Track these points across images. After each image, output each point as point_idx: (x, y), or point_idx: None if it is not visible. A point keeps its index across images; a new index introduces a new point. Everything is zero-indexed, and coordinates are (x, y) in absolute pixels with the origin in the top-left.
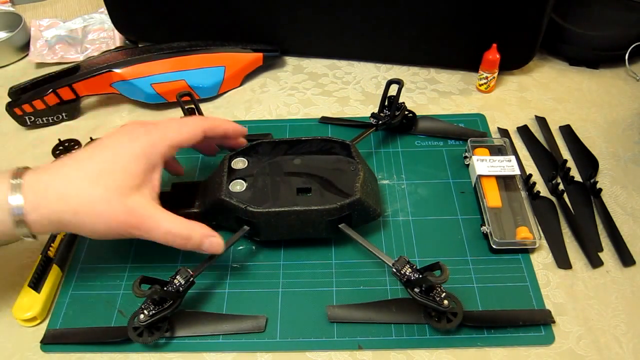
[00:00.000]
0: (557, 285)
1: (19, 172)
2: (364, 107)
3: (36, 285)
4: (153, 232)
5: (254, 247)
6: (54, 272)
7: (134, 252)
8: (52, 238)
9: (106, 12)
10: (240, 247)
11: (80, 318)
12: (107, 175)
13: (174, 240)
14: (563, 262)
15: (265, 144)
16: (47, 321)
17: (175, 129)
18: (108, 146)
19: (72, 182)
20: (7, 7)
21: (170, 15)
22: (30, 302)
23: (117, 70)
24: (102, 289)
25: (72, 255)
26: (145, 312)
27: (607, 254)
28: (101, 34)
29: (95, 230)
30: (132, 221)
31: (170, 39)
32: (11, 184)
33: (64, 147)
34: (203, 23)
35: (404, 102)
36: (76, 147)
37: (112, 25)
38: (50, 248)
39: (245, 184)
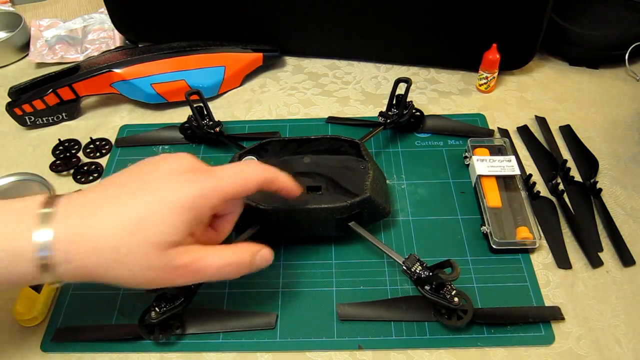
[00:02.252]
0: (557, 285)
1: (48, 216)
2: (364, 107)
3: (36, 285)
4: (205, 272)
5: None
6: None
7: None
8: None
9: (106, 12)
10: None
11: (80, 318)
12: (148, 226)
13: (228, 272)
14: (563, 262)
15: (275, 143)
16: (47, 321)
17: (230, 178)
18: (152, 188)
19: (108, 232)
20: (7, 7)
21: (170, 15)
22: (30, 302)
23: (117, 70)
24: (102, 289)
25: None
26: (157, 309)
27: (607, 254)
28: (101, 34)
29: (132, 284)
30: (177, 272)
31: (170, 39)
32: (40, 233)
33: (64, 147)
34: (203, 23)
35: (411, 101)
36: (76, 147)
37: (112, 25)
38: None
39: None
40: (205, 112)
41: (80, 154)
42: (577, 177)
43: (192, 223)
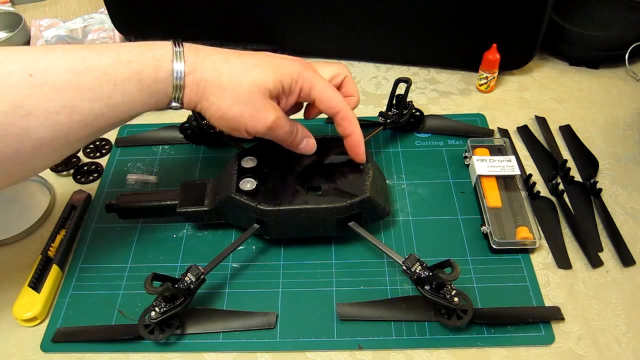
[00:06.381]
0: (557, 285)
1: (179, 54)
2: (364, 107)
3: (36, 285)
4: (273, 132)
5: (254, 247)
6: (54, 272)
7: (134, 252)
8: (52, 238)
9: (106, 12)
10: (241, 247)
11: (80, 318)
12: (257, 71)
13: (284, 138)
14: (563, 262)
15: (275, 143)
16: (47, 321)
17: (324, 85)
18: (268, 57)
19: (224, 73)
20: (7, 7)
21: (170, 15)
22: (30, 302)
23: None
24: (102, 289)
25: (72, 255)
26: (157, 309)
27: (607, 254)
28: (101, 34)
29: (224, 116)
30: (258, 120)
31: (170, 39)
32: (177, 64)
33: None
34: (203, 23)
35: (411, 101)
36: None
37: (112, 25)
38: (50, 248)
39: (255, 182)
40: None
41: (80, 154)
42: (577, 177)
43: (285, 88)
